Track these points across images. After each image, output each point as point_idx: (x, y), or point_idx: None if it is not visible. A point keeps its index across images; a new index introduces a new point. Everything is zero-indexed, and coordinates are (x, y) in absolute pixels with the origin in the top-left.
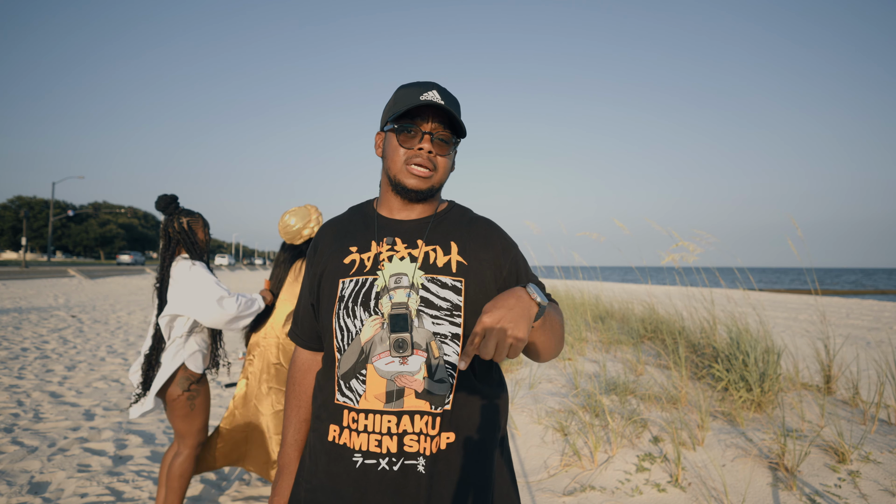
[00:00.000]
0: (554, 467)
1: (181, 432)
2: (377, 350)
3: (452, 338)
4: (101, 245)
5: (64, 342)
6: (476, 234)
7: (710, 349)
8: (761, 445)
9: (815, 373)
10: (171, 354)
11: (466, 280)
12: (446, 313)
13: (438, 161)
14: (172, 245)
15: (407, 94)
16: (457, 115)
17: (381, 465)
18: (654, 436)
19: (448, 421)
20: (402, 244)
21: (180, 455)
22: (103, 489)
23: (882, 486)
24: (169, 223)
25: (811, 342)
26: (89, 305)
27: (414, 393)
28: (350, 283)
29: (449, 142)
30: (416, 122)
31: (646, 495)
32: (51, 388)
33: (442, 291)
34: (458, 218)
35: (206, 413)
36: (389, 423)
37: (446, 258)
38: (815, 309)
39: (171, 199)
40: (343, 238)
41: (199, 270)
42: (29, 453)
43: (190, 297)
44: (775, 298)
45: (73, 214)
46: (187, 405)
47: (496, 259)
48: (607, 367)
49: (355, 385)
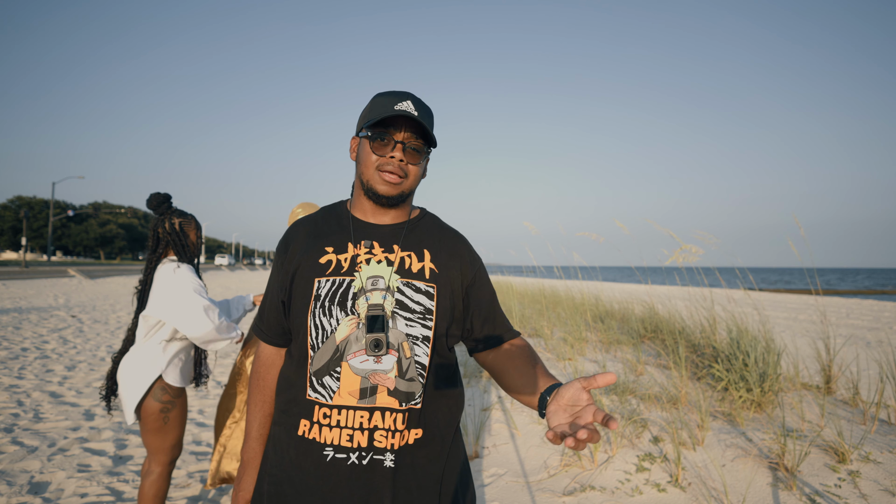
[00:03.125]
0: (554, 467)
1: (153, 448)
2: (352, 348)
3: (423, 340)
4: (101, 245)
5: (64, 342)
6: (446, 245)
7: (710, 349)
8: (761, 445)
9: (815, 373)
10: (146, 362)
11: (438, 286)
12: (419, 316)
13: (409, 169)
14: (161, 246)
15: (382, 104)
16: (429, 127)
17: (351, 459)
18: (654, 436)
19: (417, 418)
20: (379, 248)
21: (151, 473)
22: (103, 489)
23: (882, 486)
24: (159, 223)
25: (811, 342)
26: (89, 305)
27: (386, 390)
28: (327, 282)
29: (420, 151)
30: (390, 132)
31: (646, 495)
32: (51, 388)
33: (416, 296)
34: (430, 227)
35: (181, 428)
36: (362, 418)
37: (420, 264)
38: (816, 309)
39: (163, 198)
40: (317, 238)
41: (184, 273)
42: (29, 453)
43: (172, 302)
44: (775, 298)
45: (73, 214)
46: (160, 418)
47: (463, 269)
48: (607, 366)
49: (328, 382)
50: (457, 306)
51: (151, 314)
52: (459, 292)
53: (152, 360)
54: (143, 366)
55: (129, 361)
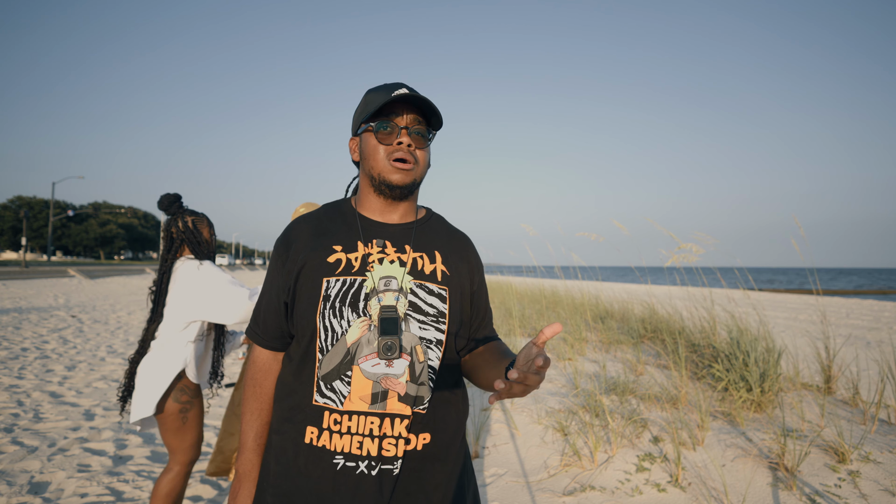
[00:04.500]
0: (554, 467)
1: (172, 447)
2: (364, 352)
3: (436, 343)
4: (101, 245)
5: (64, 342)
6: (456, 247)
7: (710, 349)
8: (761, 445)
9: (815, 373)
10: (170, 360)
11: (450, 289)
12: (433, 319)
13: (418, 154)
14: (175, 246)
15: (377, 95)
16: (431, 102)
17: (360, 468)
18: (654, 436)
19: (426, 423)
20: (391, 248)
21: (169, 472)
22: (103, 489)
23: (882, 486)
24: (172, 223)
25: (811, 342)
26: (89, 305)
27: (397, 395)
28: (336, 282)
29: (425, 135)
30: (392, 119)
31: (646, 495)
32: (51, 388)
33: (429, 298)
34: (439, 228)
35: (200, 428)
36: (372, 424)
37: (432, 266)
38: (816, 309)
39: (174, 198)
40: (322, 236)
41: (211, 269)
42: (29, 453)
43: (210, 299)
44: (775, 298)
45: (73, 214)
46: (179, 418)
47: (471, 273)
48: (607, 366)
49: (338, 386)
50: (465, 309)
51: (186, 315)
52: (468, 295)
53: (175, 358)
54: (166, 364)
55: (151, 360)
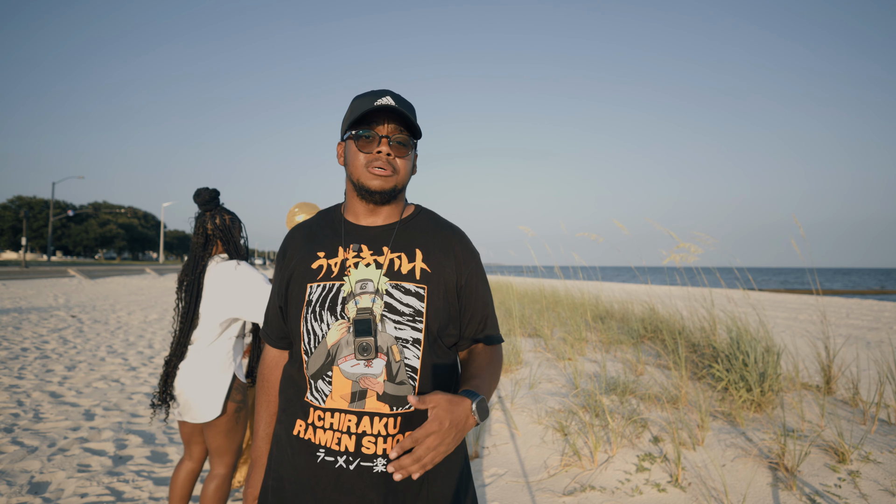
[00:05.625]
0: (554, 467)
1: (221, 450)
2: (343, 353)
3: (413, 342)
4: (101, 245)
5: (64, 342)
6: (440, 242)
7: (710, 349)
8: (761, 445)
9: (815, 373)
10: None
11: (429, 287)
12: (409, 318)
13: (398, 163)
14: (210, 243)
15: (361, 103)
16: (410, 115)
17: (339, 462)
18: (654, 436)
19: (409, 422)
20: (367, 251)
21: (217, 477)
22: (103, 489)
23: (882, 486)
24: (209, 219)
25: (811, 342)
26: (89, 305)
27: (375, 395)
28: (318, 287)
29: (406, 144)
30: (373, 128)
31: (646, 495)
32: (51, 388)
33: (405, 298)
34: (424, 224)
35: (246, 427)
36: (350, 422)
37: (411, 265)
38: (815, 309)
39: (214, 194)
40: (311, 243)
41: (249, 268)
42: (29, 453)
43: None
44: (775, 298)
45: (73, 214)
46: (234, 418)
47: (458, 268)
48: (607, 366)
49: (322, 386)
50: (452, 305)
51: (225, 314)
52: (454, 291)
53: (226, 358)
54: (218, 366)
55: (198, 362)
